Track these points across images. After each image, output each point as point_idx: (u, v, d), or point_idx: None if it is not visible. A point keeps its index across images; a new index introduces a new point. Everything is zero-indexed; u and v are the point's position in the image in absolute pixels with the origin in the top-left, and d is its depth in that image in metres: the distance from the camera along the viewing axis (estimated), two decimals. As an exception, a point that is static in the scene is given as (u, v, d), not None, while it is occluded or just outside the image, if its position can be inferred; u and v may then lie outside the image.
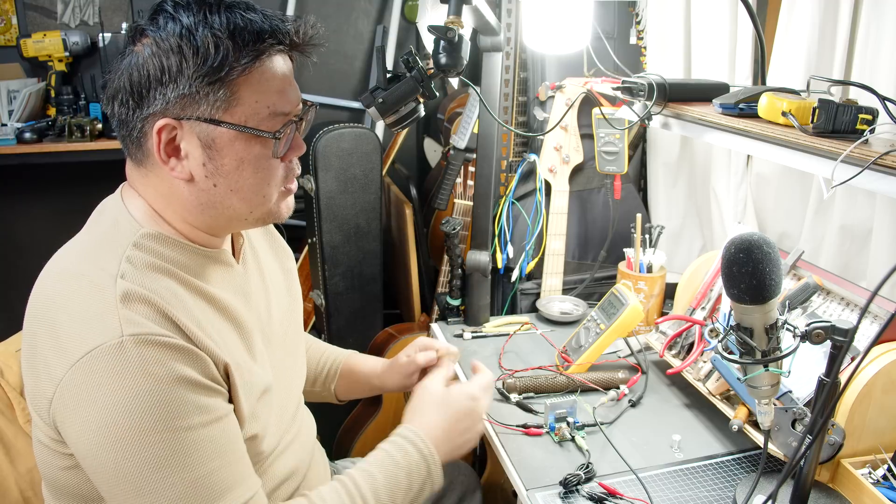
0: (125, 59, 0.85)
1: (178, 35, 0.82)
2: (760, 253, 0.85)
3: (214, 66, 0.82)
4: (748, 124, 1.14)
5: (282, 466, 1.04)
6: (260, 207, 0.92)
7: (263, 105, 0.87)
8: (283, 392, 1.06)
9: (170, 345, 0.80)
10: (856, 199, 1.40)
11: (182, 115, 0.84)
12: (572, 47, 1.70)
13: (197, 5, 0.84)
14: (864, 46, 1.31)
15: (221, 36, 0.82)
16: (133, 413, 0.77)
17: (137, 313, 0.81)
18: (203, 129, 0.85)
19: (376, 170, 2.13)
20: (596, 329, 1.46)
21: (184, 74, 0.82)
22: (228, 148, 0.86)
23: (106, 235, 0.89)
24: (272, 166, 0.90)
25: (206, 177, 0.87)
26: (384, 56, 1.21)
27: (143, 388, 0.78)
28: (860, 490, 1.03)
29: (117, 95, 0.85)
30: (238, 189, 0.89)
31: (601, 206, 1.88)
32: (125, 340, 0.78)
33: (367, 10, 2.76)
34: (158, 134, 0.84)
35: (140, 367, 0.78)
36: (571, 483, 1.11)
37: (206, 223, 0.92)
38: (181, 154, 0.86)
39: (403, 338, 2.15)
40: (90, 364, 0.78)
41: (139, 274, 0.84)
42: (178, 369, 0.80)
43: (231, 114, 0.85)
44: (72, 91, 2.44)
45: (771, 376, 0.92)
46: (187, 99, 0.83)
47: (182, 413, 0.80)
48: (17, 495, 1.08)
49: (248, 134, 0.86)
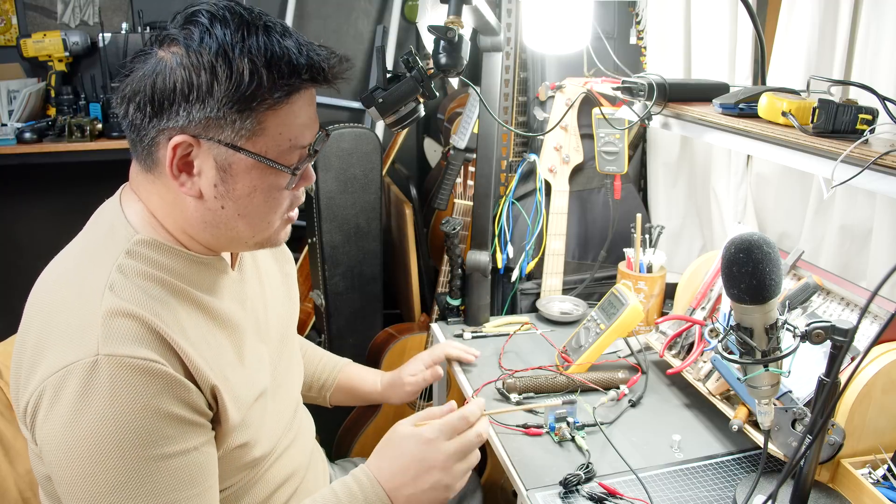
0: (148, 61, 0.82)
1: (214, 53, 0.79)
2: (760, 253, 0.85)
3: (247, 94, 0.80)
4: (748, 124, 1.14)
5: (279, 470, 1.04)
6: (262, 233, 0.91)
7: (286, 138, 0.85)
8: (280, 395, 1.06)
9: (148, 370, 0.78)
10: (856, 199, 1.40)
11: (202, 134, 0.82)
12: (572, 47, 1.70)
13: (235, 21, 0.81)
14: (864, 46, 1.31)
15: (258, 63, 0.80)
16: (95, 436, 0.76)
17: (121, 331, 0.78)
18: (221, 151, 0.83)
19: (376, 170, 2.13)
20: (596, 329, 1.46)
21: (213, 96, 0.80)
22: (244, 174, 0.85)
23: (100, 242, 0.88)
24: (282, 196, 0.89)
25: (216, 197, 0.85)
26: (384, 56, 1.21)
27: (108, 412, 0.76)
28: (860, 490, 1.03)
29: (135, 98, 0.82)
30: (245, 214, 0.88)
31: (601, 206, 1.88)
32: (100, 360, 0.76)
33: (367, 10, 2.76)
34: (174, 149, 0.82)
35: (109, 390, 0.76)
36: (571, 483, 1.11)
37: (206, 239, 0.90)
38: (193, 170, 0.84)
39: (403, 338, 2.15)
40: (63, 380, 0.77)
41: (129, 284, 0.82)
42: (150, 398, 0.78)
43: (253, 143, 0.83)
44: (72, 91, 2.44)
45: (771, 376, 0.92)
46: (212, 121, 0.81)
47: (148, 442, 0.78)
48: (17, 496, 1.08)
49: (265, 165, 0.85)
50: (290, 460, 1.07)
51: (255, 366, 0.98)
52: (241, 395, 0.91)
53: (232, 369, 0.91)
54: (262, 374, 0.99)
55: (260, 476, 0.99)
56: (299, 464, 1.09)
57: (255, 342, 0.99)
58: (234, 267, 0.99)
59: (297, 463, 1.09)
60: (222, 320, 0.92)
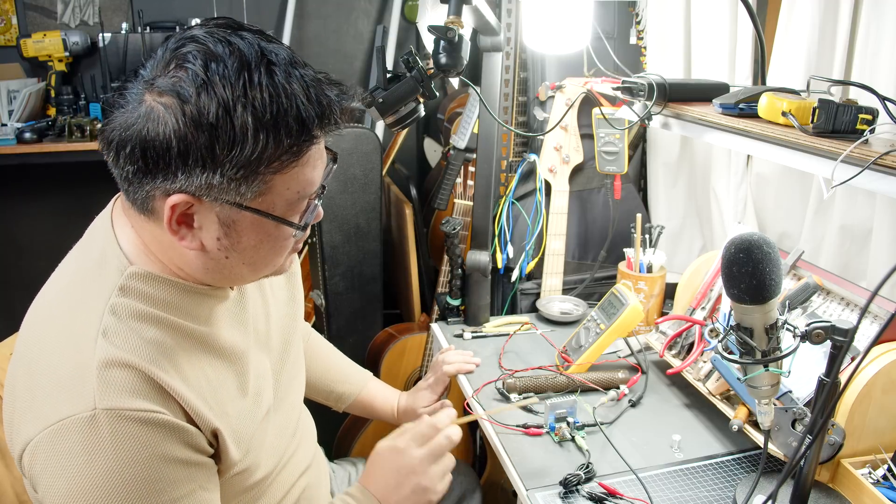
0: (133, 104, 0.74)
1: (214, 114, 0.71)
2: (760, 253, 0.85)
3: (252, 158, 0.73)
4: (748, 124, 1.14)
5: (283, 482, 1.03)
6: (267, 272, 0.88)
7: (294, 191, 0.79)
8: (285, 407, 1.05)
9: (149, 421, 0.76)
10: (856, 199, 1.40)
11: (203, 194, 0.75)
12: (572, 47, 1.70)
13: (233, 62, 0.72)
14: (864, 46, 1.31)
15: (264, 121, 0.72)
16: (102, 490, 0.74)
17: (117, 383, 0.75)
18: (225, 210, 0.77)
19: (376, 170, 2.13)
20: (596, 329, 1.46)
21: (215, 160, 0.72)
22: (249, 230, 0.80)
23: (93, 273, 0.83)
24: (288, 243, 0.85)
25: (219, 249, 0.81)
26: (384, 56, 1.20)
27: (114, 467, 0.74)
28: (860, 490, 1.03)
29: (124, 148, 0.74)
30: (251, 262, 0.84)
31: (601, 206, 1.88)
32: (98, 414, 0.73)
33: (367, 10, 2.76)
34: (172, 208, 0.75)
35: (112, 445, 0.73)
36: (571, 483, 1.11)
37: (203, 279, 0.86)
38: (194, 224, 0.78)
39: (403, 338, 2.15)
40: (60, 433, 0.74)
41: (123, 328, 0.78)
42: (155, 447, 0.76)
43: (260, 202, 0.77)
44: (72, 91, 2.44)
45: (771, 376, 0.92)
46: (213, 186, 0.74)
47: (156, 490, 0.76)
48: (13, 498, 1.07)
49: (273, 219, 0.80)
50: (295, 468, 1.07)
51: (259, 386, 0.96)
52: (242, 429, 0.90)
53: (233, 403, 0.89)
54: (265, 392, 0.98)
55: (262, 493, 0.99)
56: (303, 468, 1.09)
57: (258, 358, 0.98)
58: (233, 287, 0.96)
59: (301, 468, 1.09)
60: (222, 351, 0.90)
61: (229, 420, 0.87)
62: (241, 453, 0.89)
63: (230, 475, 0.90)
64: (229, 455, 0.87)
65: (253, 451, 0.93)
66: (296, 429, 1.09)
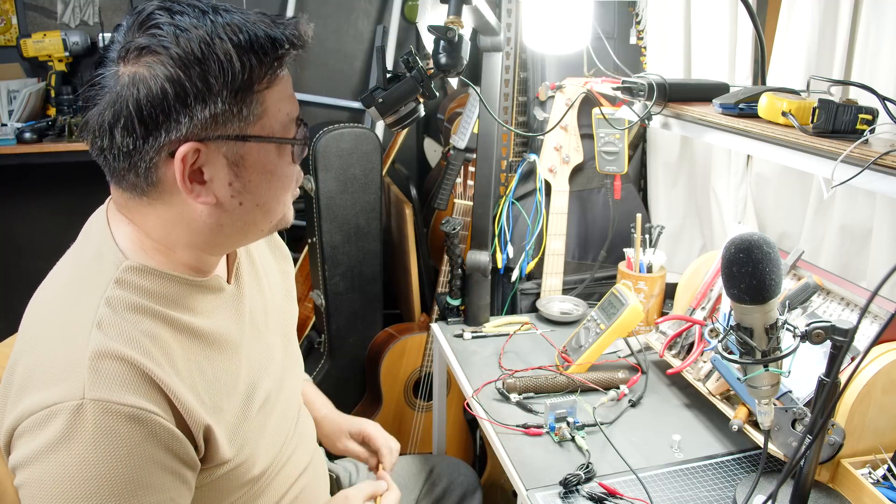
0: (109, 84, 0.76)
1: (198, 48, 0.75)
2: (760, 253, 0.85)
3: (244, 78, 0.77)
4: (748, 124, 1.14)
5: (281, 482, 1.03)
6: (277, 216, 0.89)
7: (284, 112, 0.84)
8: (282, 400, 1.05)
9: (135, 418, 0.75)
10: (856, 199, 1.40)
11: (208, 135, 0.78)
12: (572, 47, 1.70)
13: (192, 10, 0.78)
14: (864, 46, 1.31)
15: (243, 45, 0.77)
16: (74, 480, 0.74)
17: (109, 374, 0.76)
18: (230, 147, 0.80)
19: (376, 170, 2.13)
20: (596, 329, 1.46)
21: (212, 91, 0.76)
22: (256, 163, 0.82)
23: (88, 268, 0.84)
24: (291, 172, 0.88)
25: (233, 196, 0.83)
26: (384, 56, 1.20)
27: (90, 458, 0.73)
28: (860, 490, 1.03)
29: (117, 125, 0.76)
30: (263, 202, 0.85)
31: (601, 206, 1.88)
32: (86, 404, 0.74)
33: (367, 10, 2.76)
34: (183, 161, 0.77)
35: (93, 437, 0.74)
36: (571, 483, 1.11)
37: (214, 243, 0.87)
38: (205, 178, 0.80)
39: (403, 338, 2.15)
40: (47, 419, 0.74)
41: (118, 319, 0.79)
42: (136, 447, 0.76)
43: (260, 126, 0.82)
44: (72, 91, 2.44)
45: (771, 376, 0.92)
46: (218, 118, 0.77)
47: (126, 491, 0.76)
48: (13, 497, 1.07)
49: (275, 144, 0.83)
50: (294, 467, 1.07)
51: (255, 376, 0.96)
52: (236, 424, 0.90)
53: (228, 396, 0.89)
54: (263, 382, 0.98)
55: (263, 489, 0.99)
56: (302, 468, 1.09)
57: (255, 350, 0.98)
58: (231, 280, 0.96)
59: (300, 468, 1.09)
60: (218, 344, 0.90)
61: (223, 415, 0.87)
62: (234, 449, 0.89)
63: (226, 471, 0.89)
64: (220, 453, 0.86)
65: (248, 446, 0.93)
66: (295, 423, 1.09)
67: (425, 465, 1.48)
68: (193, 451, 0.82)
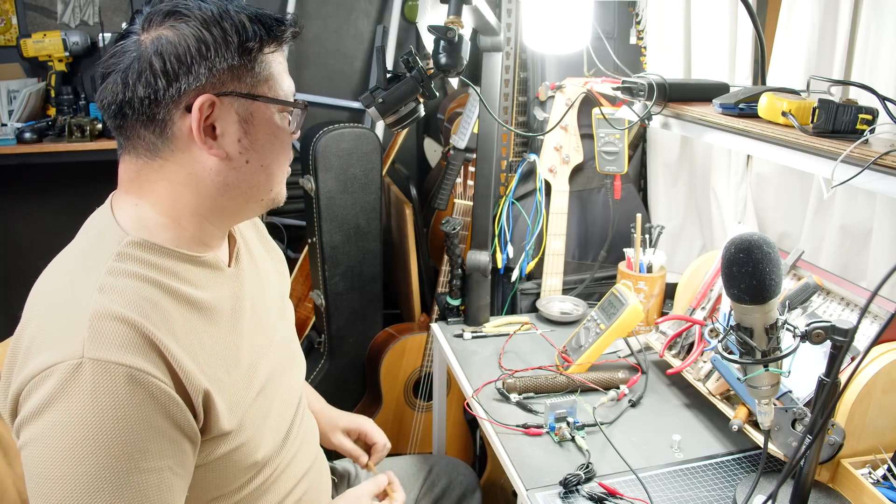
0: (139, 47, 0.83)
1: (218, 13, 0.85)
2: (760, 253, 0.85)
3: (255, 41, 0.86)
4: (748, 124, 1.14)
5: (284, 484, 1.03)
6: (276, 186, 0.95)
7: (284, 81, 0.92)
8: (283, 386, 1.05)
9: (134, 379, 0.76)
10: (856, 199, 1.40)
11: (222, 90, 0.85)
12: (572, 47, 1.70)
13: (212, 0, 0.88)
14: (864, 46, 1.31)
15: (252, 17, 0.87)
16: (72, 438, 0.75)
17: (108, 334, 0.77)
18: (242, 103, 0.87)
19: (376, 170, 2.13)
20: (596, 329, 1.46)
21: (229, 48, 0.84)
22: (264, 122, 0.89)
23: (91, 247, 0.87)
24: (289, 142, 0.94)
25: (241, 153, 0.88)
26: (384, 56, 1.20)
27: (89, 417, 0.75)
28: (860, 490, 1.03)
29: (141, 77, 0.82)
30: (267, 164, 0.91)
31: (601, 206, 1.88)
32: (84, 363, 0.75)
33: (367, 10, 2.76)
34: (200, 110, 0.84)
35: (92, 394, 0.75)
36: (571, 483, 1.11)
37: (218, 208, 0.91)
38: (216, 133, 0.86)
39: (403, 338, 2.15)
40: (45, 379, 0.76)
41: (120, 285, 0.81)
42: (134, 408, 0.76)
43: (268, 87, 0.89)
44: (72, 91, 2.44)
45: (771, 376, 0.92)
46: (234, 70, 0.85)
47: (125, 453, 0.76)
48: (15, 496, 1.08)
49: (280, 107, 0.90)
50: (297, 468, 1.07)
51: (253, 361, 0.97)
52: (236, 397, 0.90)
53: (227, 370, 0.90)
54: (260, 369, 0.98)
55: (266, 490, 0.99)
56: (306, 468, 1.10)
57: (252, 336, 0.99)
58: (231, 264, 0.99)
59: (303, 469, 1.09)
60: (218, 319, 0.91)
61: (223, 386, 0.88)
62: (234, 421, 0.89)
63: (227, 450, 0.89)
64: (220, 423, 0.86)
65: (249, 426, 0.93)
66: (298, 420, 1.09)
67: (425, 465, 1.48)
68: (193, 420, 0.83)
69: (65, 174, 2.59)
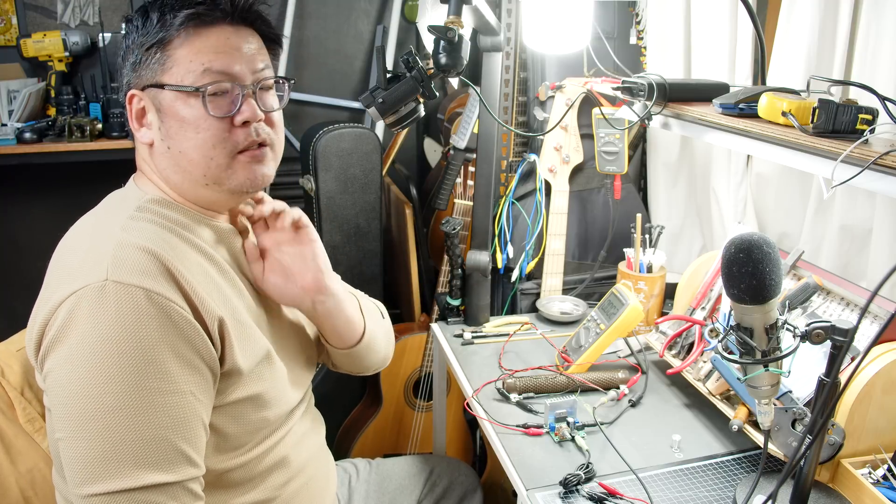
0: None
1: (136, 13, 0.94)
2: (760, 253, 0.85)
3: (154, 31, 0.91)
4: (748, 124, 1.14)
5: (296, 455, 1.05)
6: (211, 171, 0.94)
7: (198, 63, 0.91)
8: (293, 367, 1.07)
9: (153, 302, 0.81)
10: (856, 199, 1.40)
11: (140, 83, 0.93)
12: (572, 47, 1.70)
13: None
14: (864, 46, 1.31)
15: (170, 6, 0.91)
16: (98, 356, 0.79)
17: (130, 260, 0.83)
18: (153, 94, 0.92)
19: (376, 170, 2.13)
20: (596, 329, 1.46)
21: (134, 45, 0.93)
22: (171, 109, 0.92)
23: (113, 207, 0.96)
24: (212, 126, 0.92)
25: (161, 140, 0.93)
26: (384, 56, 1.20)
27: (113, 334, 0.79)
28: (860, 490, 1.03)
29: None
30: (185, 150, 0.93)
31: (601, 206, 1.88)
32: (108, 285, 0.80)
33: (367, 10, 2.76)
34: (129, 102, 0.94)
35: (116, 313, 0.79)
36: (571, 483, 1.11)
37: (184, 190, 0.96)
38: (144, 121, 0.95)
39: (403, 338, 2.15)
40: (74, 302, 0.80)
41: (140, 226, 0.89)
42: (156, 329, 0.81)
43: (170, 75, 0.91)
44: (72, 91, 2.43)
45: (771, 376, 0.92)
46: (138, 68, 0.93)
47: (148, 373, 0.80)
48: (18, 494, 1.08)
49: (184, 93, 0.91)
50: (305, 449, 1.08)
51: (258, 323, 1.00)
52: (248, 338, 0.94)
53: (238, 314, 0.95)
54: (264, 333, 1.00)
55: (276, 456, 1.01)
56: (311, 455, 1.11)
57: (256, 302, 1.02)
58: None
59: (309, 453, 1.10)
60: (228, 273, 0.96)
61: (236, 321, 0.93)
62: (247, 363, 0.92)
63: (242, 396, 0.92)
64: (235, 355, 0.90)
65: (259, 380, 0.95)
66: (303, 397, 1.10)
67: (425, 466, 1.48)
68: (211, 347, 0.87)
69: (65, 174, 2.59)
